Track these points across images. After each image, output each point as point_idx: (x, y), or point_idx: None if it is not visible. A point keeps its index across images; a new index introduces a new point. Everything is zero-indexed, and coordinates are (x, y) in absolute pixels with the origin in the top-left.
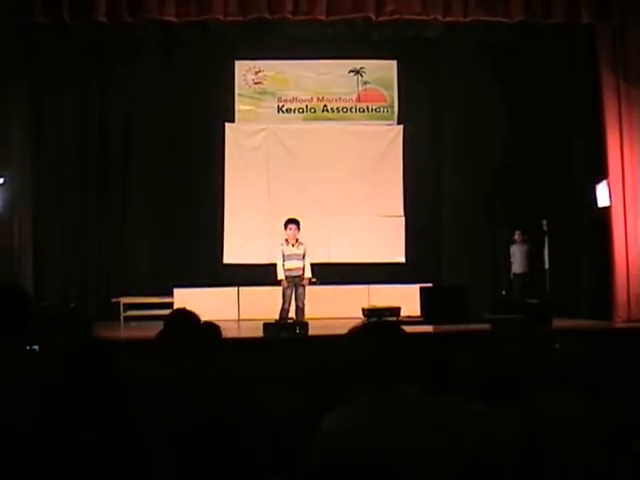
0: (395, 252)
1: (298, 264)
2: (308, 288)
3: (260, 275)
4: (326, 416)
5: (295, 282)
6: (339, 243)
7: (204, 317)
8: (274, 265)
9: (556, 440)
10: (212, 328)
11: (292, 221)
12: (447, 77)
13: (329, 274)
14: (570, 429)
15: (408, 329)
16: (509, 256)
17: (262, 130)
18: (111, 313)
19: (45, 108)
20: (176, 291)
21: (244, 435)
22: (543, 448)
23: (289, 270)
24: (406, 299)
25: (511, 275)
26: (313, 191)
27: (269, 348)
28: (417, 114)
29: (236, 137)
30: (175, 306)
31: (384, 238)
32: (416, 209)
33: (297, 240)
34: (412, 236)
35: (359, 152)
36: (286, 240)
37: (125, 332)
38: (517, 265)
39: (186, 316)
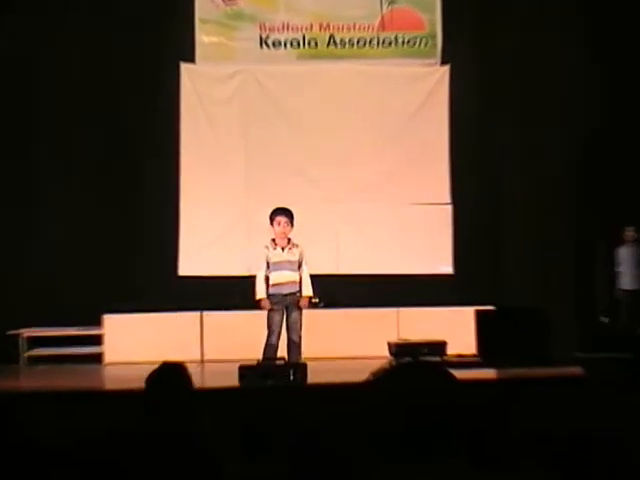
0: (438, 258)
1: (291, 276)
2: (307, 312)
3: (234, 293)
4: None
5: (287, 303)
6: (353, 246)
7: (150, 356)
8: (254, 278)
9: None
10: (178, 373)
11: (281, 211)
12: None
13: (339, 292)
14: None
15: (458, 374)
16: (614, 264)
17: (236, 74)
18: (7, 351)
19: None
20: (106, 319)
21: None
22: None
23: (277, 286)
24: (455, 329)
25: (617, 292)
26: (314, 168)
27: (248, 402)
28: (470, 48)
29: (196, 84)
30: (106, 341)
31: (421, 237)
32: (471, 194)
33: (289, 241)
34: (464, 234)
35: (383, 106)
36: (273, 241)
37: (28, 379)
38: (627, 278)
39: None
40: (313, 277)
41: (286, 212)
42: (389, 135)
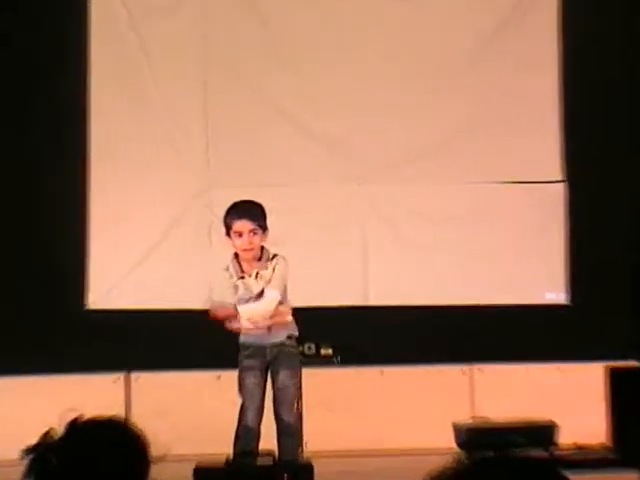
0: (541, 278)
1: (266, 313)
2: (311, 374)
3: (182, 340)
4: None
5: (271, 358)
6: (391, 258)
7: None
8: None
9: None
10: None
11: (241, 211)
12: None
13: (367, 337)
14: None
15: None
16: None
17: None
18: None
19: None
20: None
21: None
22: None
23: (250, 332)
24: (570, 400)
25: None
26: (322, 122)
27: None
28: None
29: None
30: None
31: (510, 241)
32: (599, 167)
33: (262, 257)
34: (587, 236)
35: (448, 24)
36: (236, 259)
37: None
38: None
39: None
40: (318, 313)
41: (250, 211)
42: (459, 69)
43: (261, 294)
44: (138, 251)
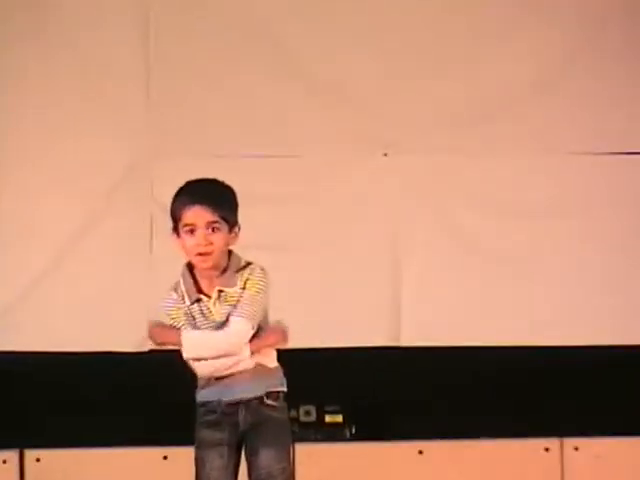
0: None
1: (243, 358)
2: (309, 453)
3: (104, 403)
4: None
5: (245, 427)
6: (432, 279)
7: None
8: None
9: None
10: None
11: (196, 195)
12: None
13: (397, 397)
14: None
15: None
16: None
17: None
18: None
19: None
20: None
21: None
22: None
23: (213, 385)
24: None
25: None
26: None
27: None
28: None
29: None
30: None
31: (610, 246)
32: None
33: (227, 268)
34: None
35: None
36: (190, 273)
37: None
38: None
39: None
40: (320, 357)
41: (209, 194)
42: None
43: (226, 324)
44: (32, 271)
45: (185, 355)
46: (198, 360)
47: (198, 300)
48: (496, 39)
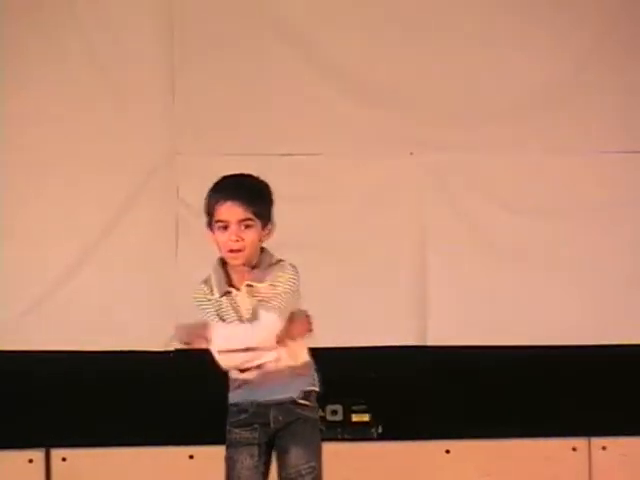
0: None
1: (273, 356)
2: (337, 452)
3: (132, 403)
4: None
5: (275, 427)
6: (463, 273)
7: None
8: (180, 355)
9: None
10: None
11: (230, 190)
12: None
13: (424, 397)
14: None
15: None
16: None
17: None
18: None
19: None
20: None
21: None
22: None
23: (244, 384)
24: None
25: None
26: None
27: None
28: None
29: None
30: None
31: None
32: None
33: (259, 264)
34: None
35: None
36: (222, 269)
37: None
38: None
39: None
40: (348, 357)
41: (242, 190)
42: None
43: (254, 318)
44: (58, 269)
45: (215, 348)
46: (226, 353)
47: (227, 293)
48: (517, 40)
